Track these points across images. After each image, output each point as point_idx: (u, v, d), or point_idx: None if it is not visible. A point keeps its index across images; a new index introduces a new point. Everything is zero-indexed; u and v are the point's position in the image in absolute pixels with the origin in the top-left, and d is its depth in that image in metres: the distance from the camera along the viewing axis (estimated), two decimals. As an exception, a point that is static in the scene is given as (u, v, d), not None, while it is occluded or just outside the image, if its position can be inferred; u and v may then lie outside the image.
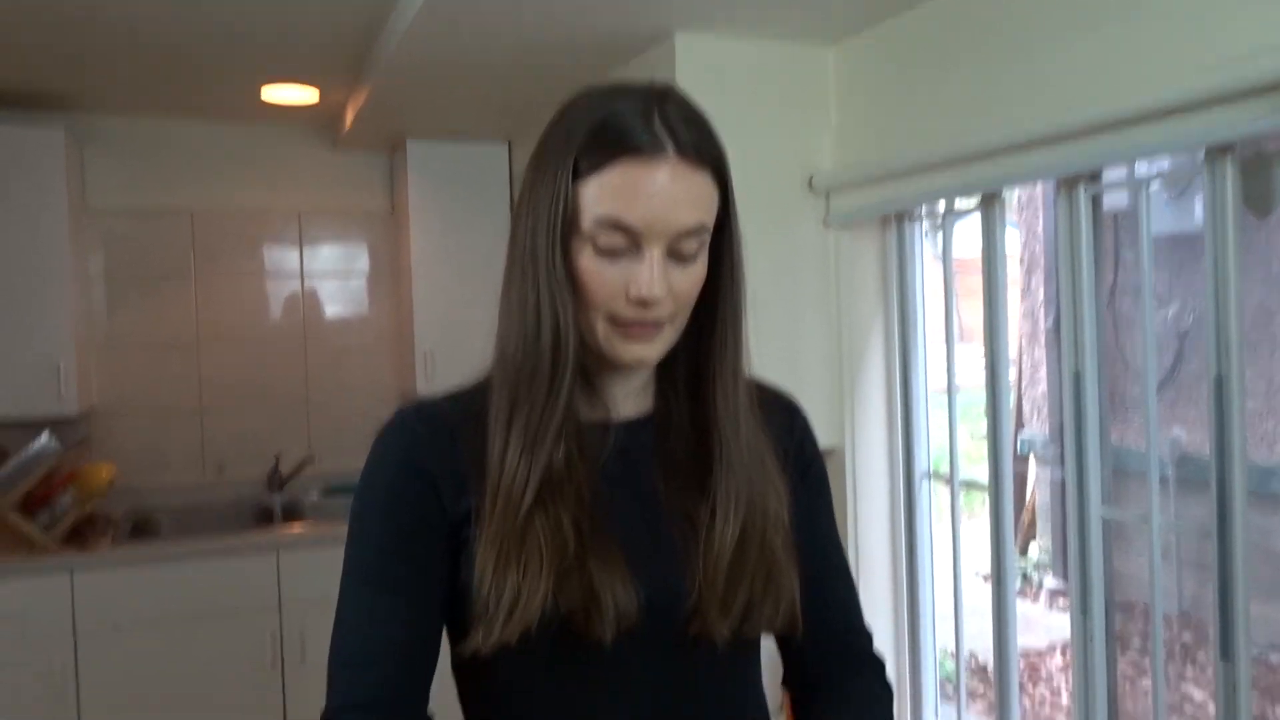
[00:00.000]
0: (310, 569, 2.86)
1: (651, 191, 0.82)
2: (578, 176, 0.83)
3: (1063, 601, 5.13)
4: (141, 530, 3.10)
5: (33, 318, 2.84)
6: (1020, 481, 5.58)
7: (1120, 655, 4.24)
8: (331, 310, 3.55)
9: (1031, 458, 5.64)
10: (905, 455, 2.64)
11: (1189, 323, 4.51)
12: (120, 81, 2.84)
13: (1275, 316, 4.23)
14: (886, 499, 2.67)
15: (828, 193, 2.47)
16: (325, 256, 3.54)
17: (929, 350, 2.61)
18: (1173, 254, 4.49)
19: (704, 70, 2.31)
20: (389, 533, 0.88)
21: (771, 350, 2.60)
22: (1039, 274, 5.57)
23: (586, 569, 0.83)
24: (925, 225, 2.56)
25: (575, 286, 0.84)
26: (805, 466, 0.99)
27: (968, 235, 2.58)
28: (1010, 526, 2.32)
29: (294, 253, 3.50)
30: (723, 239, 0.89)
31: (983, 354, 2.31)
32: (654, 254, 0.83)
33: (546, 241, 0.84)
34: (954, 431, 2.47)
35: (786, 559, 0.90)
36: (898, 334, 2.61)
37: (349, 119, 3.12)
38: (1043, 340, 5.56)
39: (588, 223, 0.83)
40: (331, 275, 3.55)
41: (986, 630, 2.40)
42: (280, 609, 2.84)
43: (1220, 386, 1.75)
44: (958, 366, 2.47)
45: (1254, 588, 1.77)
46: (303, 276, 3.50)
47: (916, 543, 2.65)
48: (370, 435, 0.91)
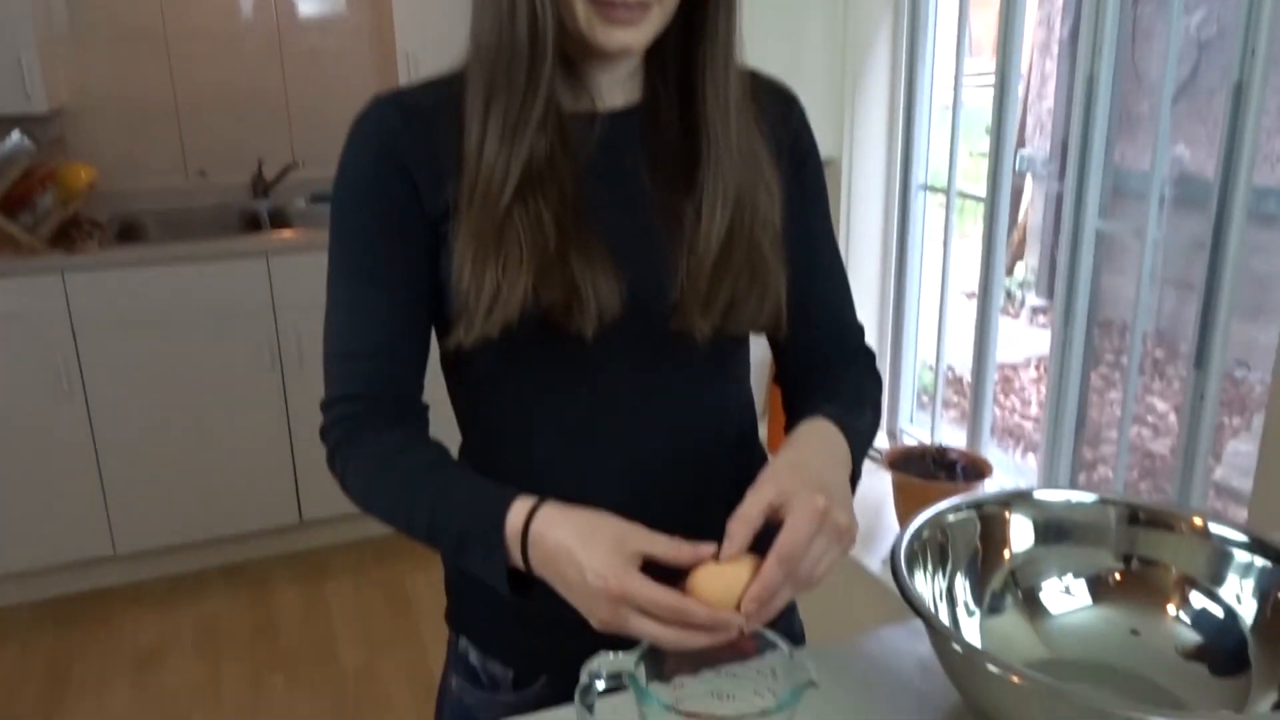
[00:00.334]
0: (302, 275, 2.86)
1: None
2: None
3: (1043, 319, 5.27)
4: (128, 234, 3.08)
5: (-15, 7, 2.66)
6: (1015, 199, 5.55)
7: (1092, 370, 4.39)
8: (305, 8, 3.33)
9: (1029, 177, 5.58)
10: (904, 167, 2.59)
11: (1211, 33, 4.31)
12: None
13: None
14: (881, 211, 2.65)
15: (842, -126, 2.25)
16: (294, -56, 3.27)
17: (936, 62, 2.48)
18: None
19: None
20: (368, 225, 0.85)
21: (771, 52, 2.47)
22: (1059, -22, 5.25)
23: (567, 263, 0.82)
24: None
25: None
26: (800, 160, 0.95)
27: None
28: (1002, 239, 2.32)
29: (260, -62, 3.23)
30: None
31: (993, 66, 2.20)
32: None
33: None
34: (955, 140, 2.41)
35: (774, 257, 0.88)
36: (905, 42, 2.48)
37: None
38: (1055, 52, 5.35)
39: None
40: (302, -35, 3.30)
41: (966, 345, 2.46)
42: (275, 314, 2.88)
43: (1238, 94, 1.68)
44: (964, 80, 2.36)
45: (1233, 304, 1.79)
46: (271, -34, 3.25)
47: (907, 257, 2.66)
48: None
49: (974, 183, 2.40)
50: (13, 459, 2.72)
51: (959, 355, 2.84)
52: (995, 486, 2.16)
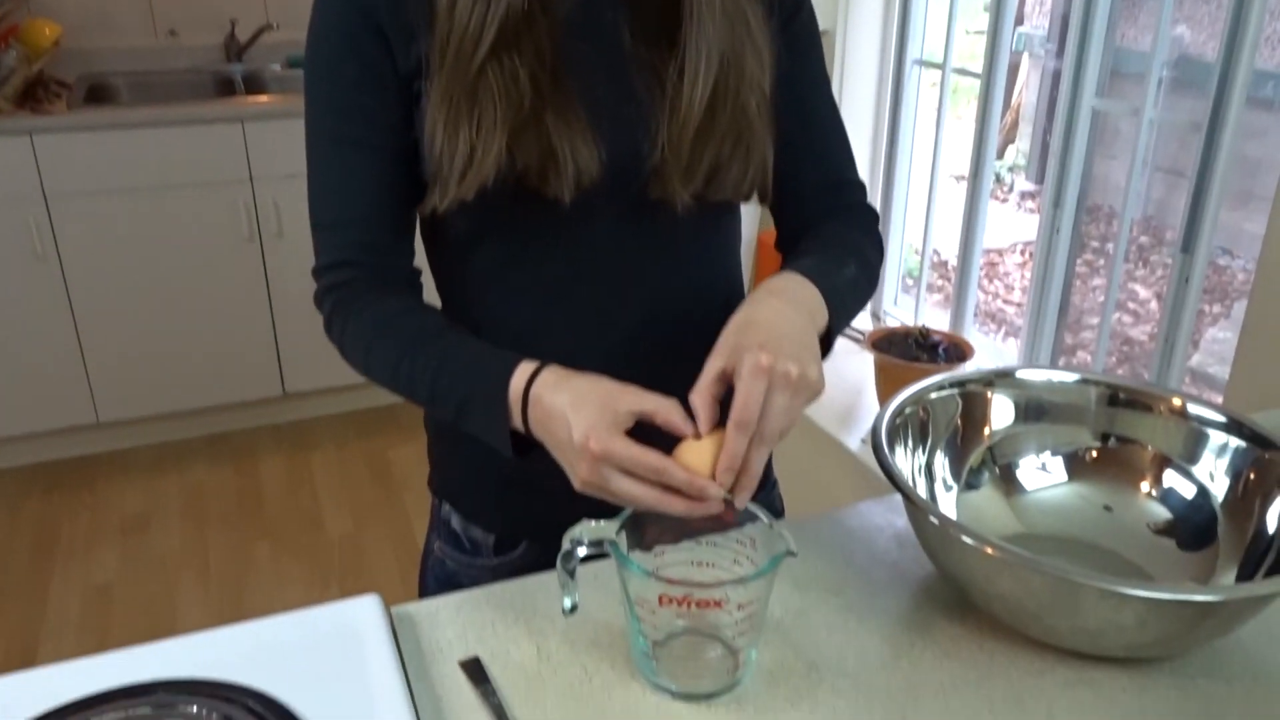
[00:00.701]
0: (279, 143, 2.79)
1: None
2: None
3: (1031, 204, 5.23)
4: (97, 96, 2.97)
5: None
6: (1010, 78, 5.43)
7: (1077, 256, 4.39)
8: None
9: (1025, 56, 5.46)
10: (899, 42, 2.52)
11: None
12: None
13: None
14: (874, 88, 2.59)
15: None
16: None
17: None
18: None
19: None
20: (342, 86, 0.82)
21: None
22: None
23: (544, 124, 0.79)
24: None
25: None
26: (792, 11, 0.90)
27: None
28: (996, 120, 2.28)
29: None
30: None
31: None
32: None
33: None
34: (954, 15, 2.34)
35: (760, 122, 0.85)
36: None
37: None
38: (1059, -75, 5.15)
39: None
40: None
41: (953, 228, 2.44)
42: (251, 182, 2.81)
43: (1249, -29, 1.62)
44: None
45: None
46: None
47: (898, 137, 2.62)
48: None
49: (971, 60, 2.34)
50: (-10, 325, 2.70)
51: (944, 239, 2.83)
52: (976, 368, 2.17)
